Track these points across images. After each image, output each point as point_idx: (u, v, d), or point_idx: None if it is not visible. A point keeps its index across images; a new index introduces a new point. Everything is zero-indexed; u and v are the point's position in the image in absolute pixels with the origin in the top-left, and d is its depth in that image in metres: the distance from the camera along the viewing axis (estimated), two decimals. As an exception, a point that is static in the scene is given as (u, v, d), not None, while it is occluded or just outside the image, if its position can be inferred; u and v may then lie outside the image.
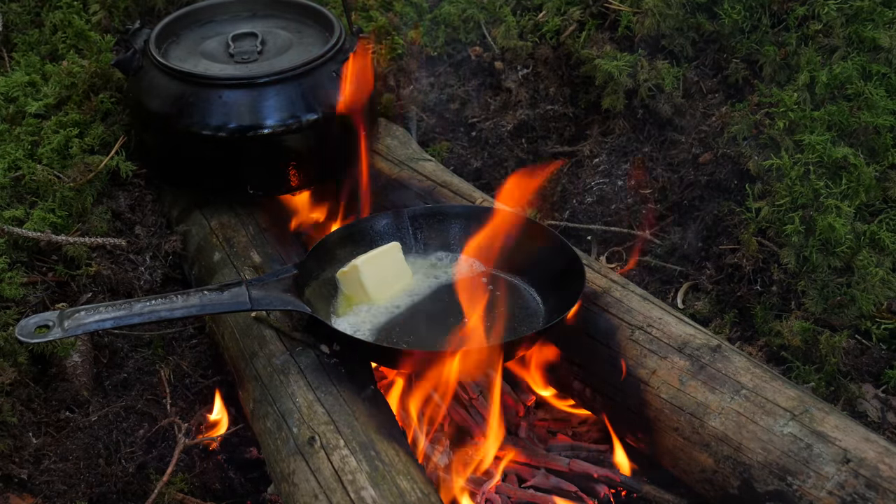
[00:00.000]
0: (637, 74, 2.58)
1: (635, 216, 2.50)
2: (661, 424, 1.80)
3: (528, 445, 2.03)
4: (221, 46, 2.38)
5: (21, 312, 2.07)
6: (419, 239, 2.16)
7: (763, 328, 2.14)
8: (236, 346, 2.00)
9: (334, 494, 1.59)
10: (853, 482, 1.55)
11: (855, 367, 2.02)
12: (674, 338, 1.84)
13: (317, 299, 1.96)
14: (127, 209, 2.38)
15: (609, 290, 1.97)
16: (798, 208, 2.18)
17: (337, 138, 2.28)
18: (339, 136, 2.27)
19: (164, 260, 2.31)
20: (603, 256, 2.47)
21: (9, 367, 1.96)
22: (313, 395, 1.77)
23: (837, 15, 2.41)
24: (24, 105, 2.47)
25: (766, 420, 1.67)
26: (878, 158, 2.24)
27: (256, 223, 2.30)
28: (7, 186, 2.28)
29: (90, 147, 2.39)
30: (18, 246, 2.19)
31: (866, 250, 2.09)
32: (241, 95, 2.21)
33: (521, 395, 2.10)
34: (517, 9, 2.86)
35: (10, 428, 1.90)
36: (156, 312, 1.77)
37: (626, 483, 1.93)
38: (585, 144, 2.67)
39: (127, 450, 1.99)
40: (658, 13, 2.58)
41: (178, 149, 2.29)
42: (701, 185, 2.45)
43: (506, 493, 1.92)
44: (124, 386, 2.12)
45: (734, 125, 2.40)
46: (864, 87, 2.29)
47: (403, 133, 2.57)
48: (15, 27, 2.82)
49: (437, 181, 2.35)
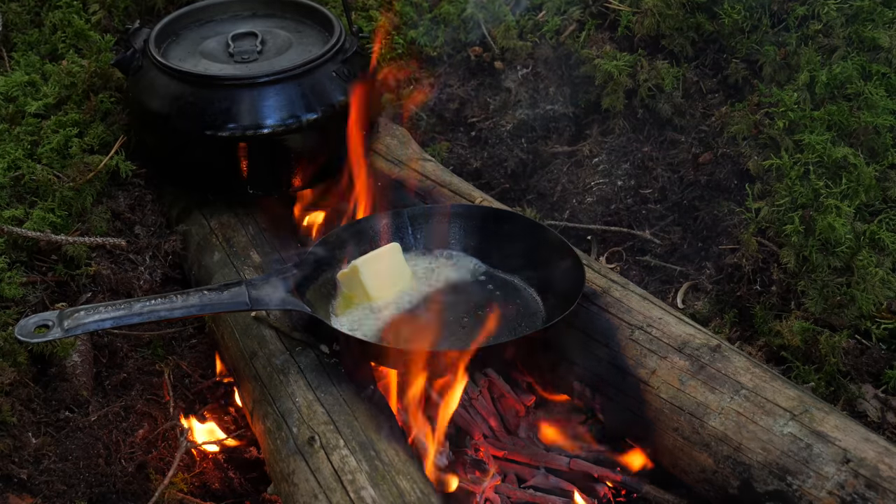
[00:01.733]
0: (637, 74, 2.58)
1: (635, 216, 2.50)
2: (660, 424, 1.80)
3: (528, 445, 2.03)
4: (221, 46, 2.38)
5: (21, 312, 2.07)
6: (419, 239, 2.16)
7: (763, 328, 2.14)
8: (236, 346, 2.00)
9: (334, 494, 1.59)
10: (853, 482, 1.55)
11: (855, 367, 2.02)
12: (674, 338, 1.84)
13: (317, 299, 1.96)
14: (127, 209, 2.38)
15: (609, 290, 1.96)
16: (798, 208, 2.18)
17: (337, 138, 2.27)
18: (339, 136, 2.27)
19: (163, 260, 2.31)
20: (603, 256, 2.47)
21: (8, 367, 1.95)
22: (313, 395, 1.77)
23: (837, 15, 2.41)
24: (23, 105, 2.47)
25: (765, 420, 1.67)
26: (878, 158, 2.24)
27: (256, 223, 2.30)
28: (7, 186, 2.28)
29: (90, 147, 2.39)
30: (18, 246, 2.19)
31: (866, 250, 2.09)
32: (241, 95, 2.21)
33: (521, 396, 2.09)
34: (517, 9, 2.86)
35: (9, 428, 1.90)
36: (155, 312, 1.77)
37: (627, 483, 1.93)
38: (585, 144, 2.67)
39: (127, 450, 1.99)
40: (658, 13, 2.58)
41: (177, 149, 2.29)
42: (701, 185, 2.45)
43: (506, 494, 1.92)
44: (124, 386, 2.12)
45: (734, 125, 2.40)
46: (864, 87, 2.29)
47: (403, 133, 2.57)
48: (15, 27, 2.81)
49: (436, 181, 2.35)
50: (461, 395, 2.08)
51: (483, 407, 2.08)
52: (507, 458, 2.00)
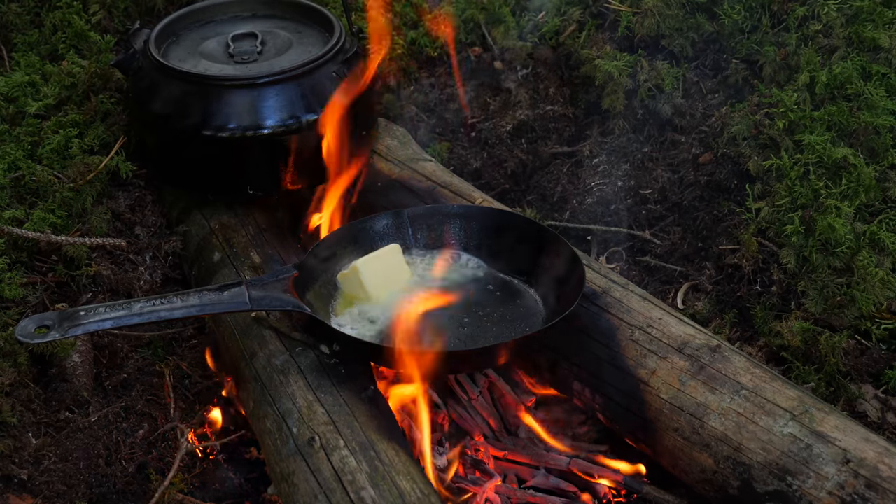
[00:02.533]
0: (637, 75, 2.58)
1: (635, 216, 2.50)
2: (661, 425, 1.80)
3: (528, 445, 2.03)
4: (221, 47, 2.38)
5: (21, 313, 2.07)
6: (419, 239, 2.16)
7: (763, 328, 2.14)
8: (236, 346, 2.00)
9: (334, 495, 1.59)
10: (853, 482, 1.55)
11: (855, 368, 2.02)
12: (674, 338, 1.84)
13: (316, 299, 1.96)
14: (127, 209, 2.38)
15: (609, 290, 1.96)
16: (798, 208, 2.18)
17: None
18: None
19: (164, 260, 2.31)
20: (603, 256, 2.47)
21: (9, 367, 1.95)
22: (313, 396, 1.77)
23: (837, 15, 2.41)
24: (23, 105, 2.47)
25: (765, 420, 1.67)
26: (878, 158, 2.24)
27: (256, 223, 2.30)
28: (7, 187, 2.28)
29: (90, 147, 2.39)
30: (18, 246, 2.19)
31: (866, 250, 2.09)
32: (241, 95, 2.21)
33: (521, 395, 2.10)
34: (517, 9, 2.86)
35: (10, 428, 1.90)
36: (156, 312, 1.77)
37: (627, 483, 1.93)
38: (585, 145, 2.67)
39: (127, 450, 1.99)
40: (658, 13, 2.58)
41: (178, 149, 2.28)
42: (701, 185, 2.45)
43: (506, 494, 1.92)
44: (124, 386, 2.12)
45: (734, 125, 2.40)
46: (863, 87, 2.29)
47: (403, 133, 2.57)
48: (15, 27, 2.81)
49: (437, 181, 2.35)
50: (462, 395, 2.09)
51: (483, 407, 2.08)
52: (507, 458, 2.01)
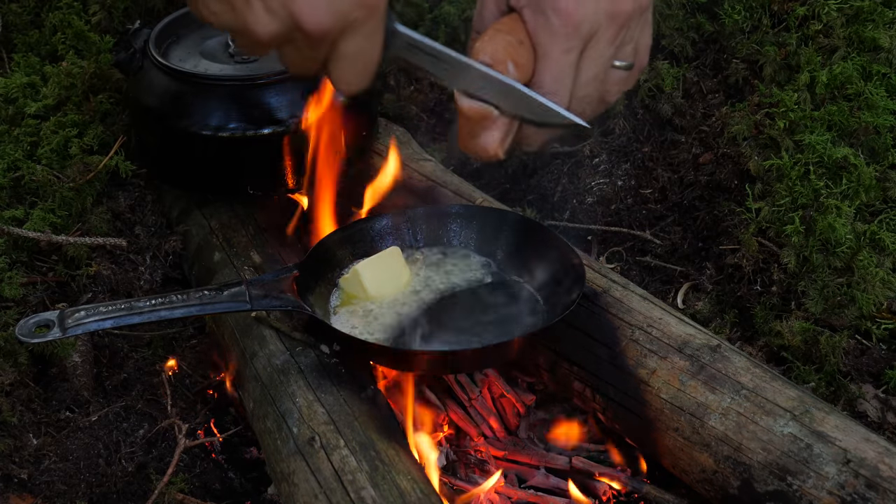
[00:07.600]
0: (637, 75, 2.58)
1: (635, 216, 2.50)
2: (661, 424, 1.80)
3: (528, 445, 2.03)
4: (221, 46, 2.38)
5: (21, 312, 2.07)
6: (419, 239, 2.16)
7: (763, 328, 2.14)
8: (236, 346, 2.00)
9: (334, 494, 1.59)
10: (853, 482, 1.55)
11: (855, 368, 2.02)
12: (674, 338, 1.84)
13: (317, 299, 1.96)
14: (127, 209, 2.38)
15: (609, 290, 1.96)
16: (798, 208, 2.18)
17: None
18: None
19: (164, 260, 2.31)
20: (603, 256, 2.47)
21: (9, 367, 1.96)
22: (313, 395, 1.77)
23: (837, 15, 2.41)
24: (23, 106, 2.47)
25: (766, 420, 1.67)
26: (879, 158, 2.24)
27: (256, 223, 2.30)
28: (7, 187, 2.28)
29: (90, 147, 2.39)
30: (18, 246, 2.19)
31: (866, 250, 2.09)
32: (241, 95, 2.21)
33: (521, 395, 2.10)
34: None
35: (10, 428, 1.90)
36: (156, 312, 1.77)
37: (627, 483, 1.93)
38: (585, 145, 2.67)
39: (127, 450, 1.99)
40: (658, 13, 2.58)
41: (178, 149, 2.28)
42: (701, 185, 2.45)
43: (506, 494, 1.92)
44: (124, 386, 2.12)
45: (734, 125, 2.40)
46: (864, 87, 2.29)
47: (403, 133, 2.57)
48: (15, 28, 2.82)
49: (437, 181, 2.35)
50: (462, 395, 2.09)
51: (483, 407, 2.08)
52: (507, 458, 2.01)
